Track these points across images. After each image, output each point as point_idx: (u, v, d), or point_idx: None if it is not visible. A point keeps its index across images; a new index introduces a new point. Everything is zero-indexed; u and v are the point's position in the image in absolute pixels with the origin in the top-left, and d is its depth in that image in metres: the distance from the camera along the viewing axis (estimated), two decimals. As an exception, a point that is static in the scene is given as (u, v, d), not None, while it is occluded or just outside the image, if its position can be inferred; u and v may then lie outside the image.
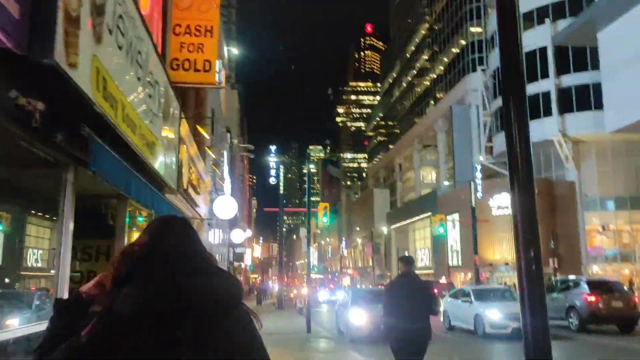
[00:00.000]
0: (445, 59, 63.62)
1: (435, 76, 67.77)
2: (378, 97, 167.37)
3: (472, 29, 56.44)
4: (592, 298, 16.13)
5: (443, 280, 48.64)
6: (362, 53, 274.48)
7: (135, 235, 1.61)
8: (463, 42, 58.11)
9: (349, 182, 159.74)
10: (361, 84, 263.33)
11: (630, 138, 39.66)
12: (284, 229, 58.82)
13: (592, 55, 40.31)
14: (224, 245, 27.68)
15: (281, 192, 33.88)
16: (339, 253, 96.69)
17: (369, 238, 73.80)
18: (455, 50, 60.61)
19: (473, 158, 51.66)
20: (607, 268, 41.69)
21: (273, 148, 32.53)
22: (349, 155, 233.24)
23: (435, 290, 22.58)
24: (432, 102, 67.83)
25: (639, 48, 27.84)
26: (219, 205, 15.81)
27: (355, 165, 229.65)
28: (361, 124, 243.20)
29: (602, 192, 40.93)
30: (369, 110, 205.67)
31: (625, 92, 28.92)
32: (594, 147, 41.67)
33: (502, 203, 40.77)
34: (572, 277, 20.33)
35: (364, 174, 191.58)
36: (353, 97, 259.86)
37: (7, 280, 5.97)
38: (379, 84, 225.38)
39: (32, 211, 6.32)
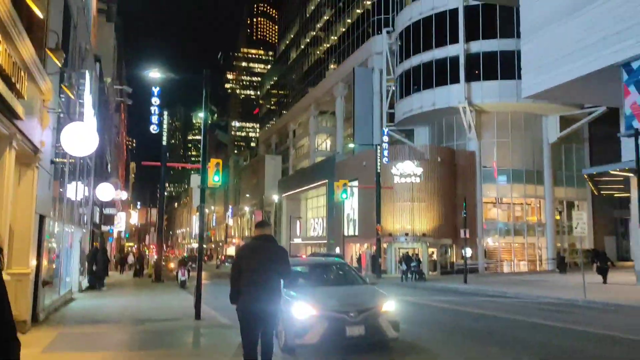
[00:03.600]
0: (348, 20, 60.28)
1: (336, 39, 64.30)
2: (269, 66, 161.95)
3: (379, -11, 53.50)
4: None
5: (338, 251, 46.12)
6: (254, 19, 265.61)
7: None
8: (368, 2, 55.02)
9: (236, 151, 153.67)
10: (252, 51, 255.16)
11: (530, 110, 39.34)
12: (165, 194, 52.82)
13: (501, 21, 39.14)
14: (86, 204, 21.96)
15: (165, 143, 28.30)
16: (224, 221, 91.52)
17: (258, 206, 69.73)
18: (358, 11, 57.45)
19: (374, 123, 49.34)
20: (501, 241, 41.59)
21: (156, 90, 26.44)
22: (237, 124, 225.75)
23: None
24: (332, 65, 64.42)
25: (563, 6, 26.14)
26: (70, 133, 10.63)
27: (244, 134, 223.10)
28: (251, 92, 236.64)
29: (499, 164, 40.35)
30: (259, 79, 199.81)
31: (545, 55, 27.25)
32: (495, 118, 40.88)
33: (404, 170, 38.58)
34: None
35: (253, 144, 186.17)
36: (244, 63, 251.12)
37: None
38: (271, 53, 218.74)
39: None
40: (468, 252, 39.30)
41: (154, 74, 13.44)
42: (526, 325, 11.76)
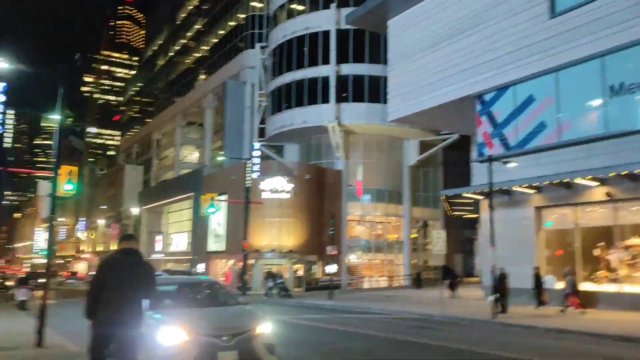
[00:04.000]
0: (221, 32, 59.21)
1: (207, 49, 62.74)
2: (133, 72, 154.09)
3: (253, 3, 53.25)
4: None
5: (202, 268, 44.40)
6: (117, 22, 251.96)
7: None
8: (241, 15, 54.55)
9: (92, 159, 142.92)
10: (114, 54, 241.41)
11: (394, 133, 41.52)
12: (5, 203, 46.98)
13: (370, 47, 40.97)
14: None
15: (9, 145, 24.92)
16: (74, 235, 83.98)
17: (115, 219, 65.07)
18: (232, 23, 56.72)
19: (244, 138, 48.67)
20: (363, 257, 43.02)
21: (1, 86, 23.32)
22: (94, 130, 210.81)
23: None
24: (202, 76, 62.65)
25: (426, 39, 27.97)
26: None
27: (102, 141, 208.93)
28: (112, 98, 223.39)
29: (365, 184, 41.87)
30: (121, 84, 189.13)
31: (410, 83, 28.89)
32: (362, 139, 42.49)
33: (274, 186, 38.41)
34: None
35: (111, 152, 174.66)
36: (105, 67, 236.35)
37: None
38: (135, 58, 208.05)
39: None
40: (333, 268, 40.12)
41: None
42: (398, 343, 11.93)
